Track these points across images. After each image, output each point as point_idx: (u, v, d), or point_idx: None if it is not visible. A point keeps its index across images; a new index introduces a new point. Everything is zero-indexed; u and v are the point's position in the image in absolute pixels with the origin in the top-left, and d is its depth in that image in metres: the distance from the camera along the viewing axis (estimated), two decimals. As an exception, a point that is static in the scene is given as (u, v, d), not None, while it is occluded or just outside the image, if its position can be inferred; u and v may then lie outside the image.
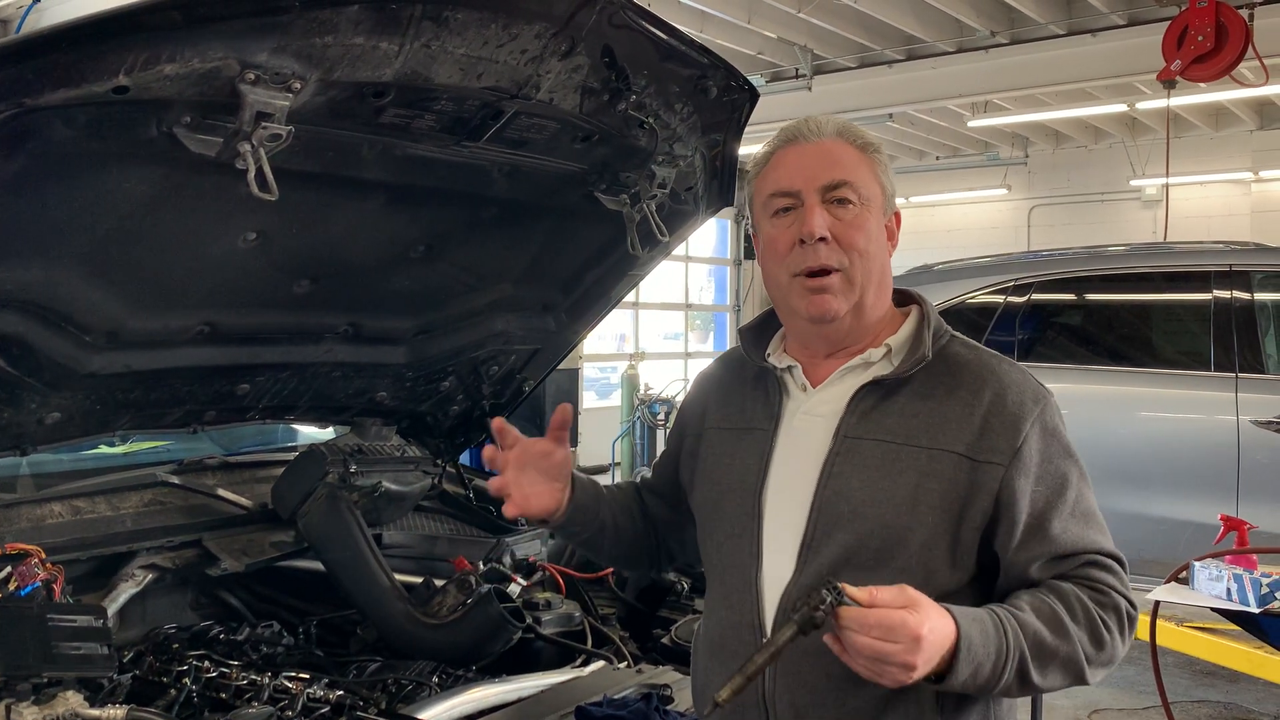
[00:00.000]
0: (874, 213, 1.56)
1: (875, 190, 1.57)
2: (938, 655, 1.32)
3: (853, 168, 1.55)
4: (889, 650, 1.29)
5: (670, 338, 16.45)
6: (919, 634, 1.29)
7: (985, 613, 1.40)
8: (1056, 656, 1.41)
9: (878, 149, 1.59)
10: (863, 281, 1.54)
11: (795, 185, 1.55)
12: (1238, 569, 3.25)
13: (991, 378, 1.53)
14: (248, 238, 2.15)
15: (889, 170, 1.61)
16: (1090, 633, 1.44)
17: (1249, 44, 7.34)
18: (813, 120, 1.60)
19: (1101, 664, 1.46)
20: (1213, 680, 5.39)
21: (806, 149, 1.57)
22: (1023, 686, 1.41)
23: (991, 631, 1.38)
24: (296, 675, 2.13)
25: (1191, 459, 5.13)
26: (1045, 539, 1.48)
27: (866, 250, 1.54)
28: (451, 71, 1.89)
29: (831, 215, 1.53)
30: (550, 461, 1.70)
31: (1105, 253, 6.19)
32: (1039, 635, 1.40)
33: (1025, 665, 1.38)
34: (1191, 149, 13.85)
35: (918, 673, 1.30)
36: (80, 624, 1.87)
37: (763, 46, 10.49)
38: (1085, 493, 1.53)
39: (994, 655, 1.36)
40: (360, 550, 2.51)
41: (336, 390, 2.83)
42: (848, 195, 1.53)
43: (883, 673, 1.31)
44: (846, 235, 1.53)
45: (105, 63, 1.55)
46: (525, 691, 2.14)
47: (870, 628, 1.29)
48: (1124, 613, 1.48)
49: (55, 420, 2.31)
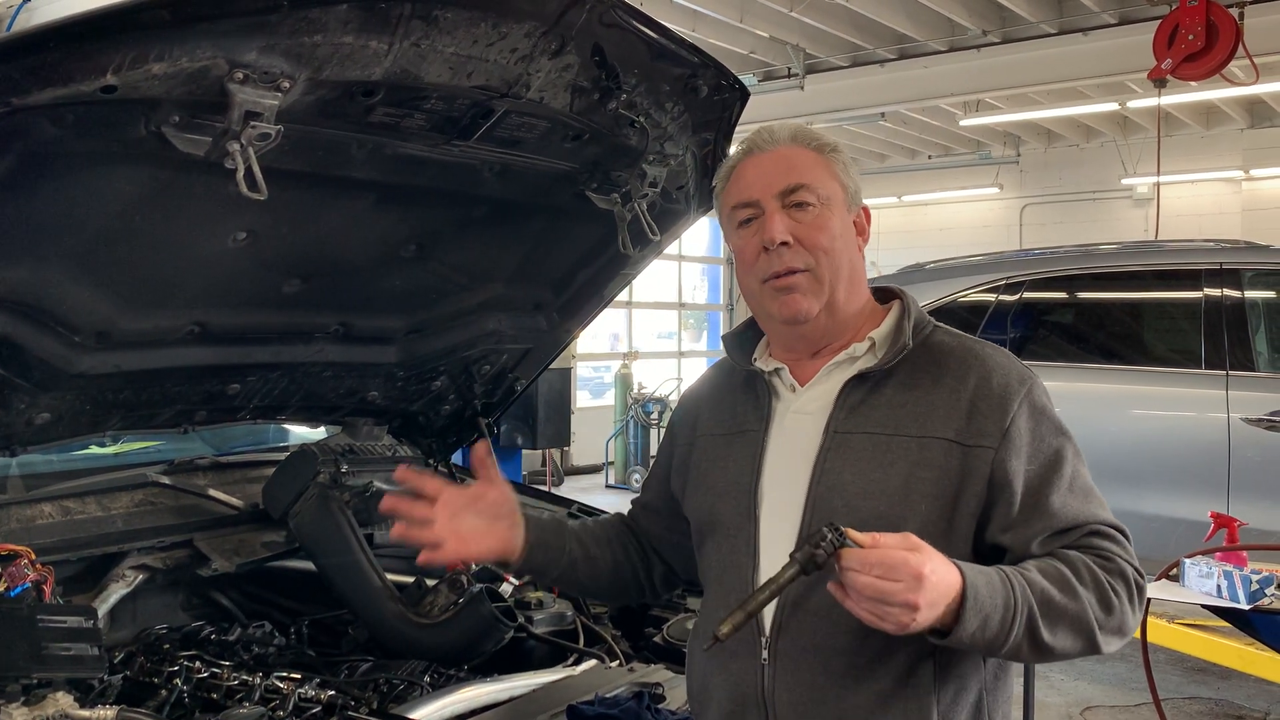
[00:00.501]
0: (836, 211, 1.58)
1: (834, 189, 1.59)
2: (943, 601, 1.31)
3: (809, 170, 1.58)
4: (890, 589, 1.28)
5: (663, 337, 16.47)
6: (921, 572, 1.28)
7: (993, 569, 1.39)
8: (1066, 615, 1.40)
9: (835, 148, 1.62)
10: (831, 279, 1.56)
11: (754, 195, 1.58)
12: (1228, 566, 3.26)
13: (976, 362, 1.54)
14: (237, 237, 2.14)
15: (850, 168, 1.63)
16: (1099, 596, 1.43)
17: (1239, 43, 7.36)
18: (766, 130, 1.62)
19: (1113, 630, 1.44)
20: (1204, 677, 5.40)
21: (763, 159, 1.60)
22: (1034, 646, 1.38)
23: (999, 584, 1.36)
24: (288, 675, 2.13)
25: (1182, 456, 5.15)
26: (1044, 514, 1.48)
27: (831, 248, 1.56)
28: (441, 70, 1.89)
29: (792, 219, 1.55)
30: (485, 503, 1.70)
31: (1097, 251, 6.21)
32: (1047, 593, 1.39)
33: (1035, 621, 1.37)
34: (1182, 148, 13.90)
35: (921, 614, 1.29)
36: (70, 625, 1.86)
37: (755, 45, 10.49)
38: (1081, 469, 1.54)
39: (1001, 608, 1.35)
40: (352, 550, 2.50)
41: (327, 390, 2.82)
42: (805, 198, 1.56)
43: (885, 615, 1.29)
44: (809, 236, 1.55)
45: (93, 62, 1.55)
46: (517, 691, 2.14)
47: (872, 566, 1.29)
48: (1131, 580, 1.47)
49: (45, 421, 2.30)
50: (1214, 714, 5.06)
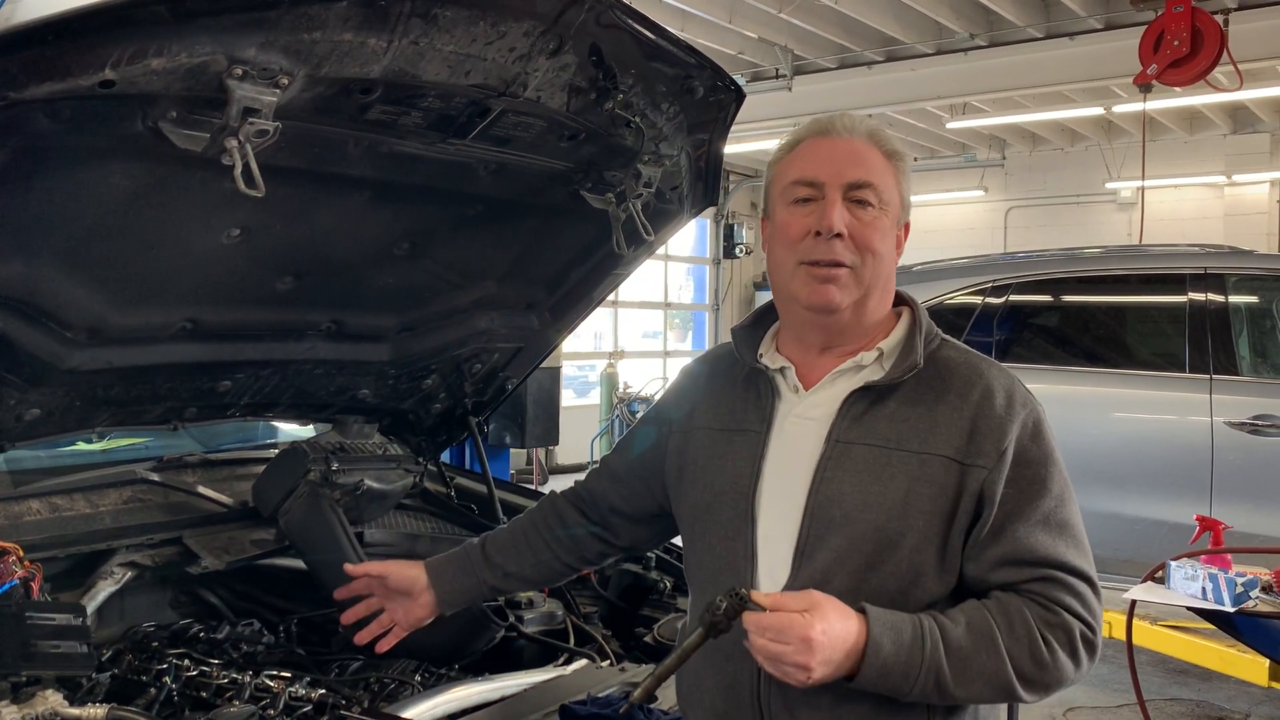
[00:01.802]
0: (890, 217, 1.57)
1: (895, 197, 1.58)
2: (840, 655, 1.37)
3: (879, 171, 1.56)
4: (781, 651, 1.36)
5: (649, 336, 16.47)
6: (808, 635, 1.35)
7: (909, 621, 1.42)
8: (982, 672, 1.42)
9: (902, 158, 1.61)
10: (870, 282, 1.56)
11: (820, 177, 1.55)
12: (1213, 569, 3.28)
13: (980, 381, 1.55)
14: (231, 234, 2.13)
15: (909, 181, 1.62)
16: (1029, 650, 1.43)
17: (1224, 49, 7.41)
18: (846, 117, 1.60)
19: (1042, 684, 1.45)
20: (1185, 679, 5.45)
21: (837, 144, 1.58)
22: (941, 695, 1.43)
23: (907, 640, 1.40)
24: (278, 674, 2.12)
25: (1166, 460, 5.18)
26: (1006, 541, 1.48)
27: (880, 252, 1.55)
28: (439, 69, 1.88)
29: (851, 214, 1.54)
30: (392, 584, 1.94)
31: (1083, 255, 6.24)
32: (963, 650, 1.42)
33: (942, 676, 1.41)
34: (1166, 152, 13.99)
35: (815, 674, 1.36)
36: (59, 622, 1.85)
37: (743, 46, 10.52)
38: (1064, 506, 1.52)
39: (904, 663, 1.40)
40: (342, 548, 2.49)
41: (318, 387, 2.81)
42: (869, 197, 1.55)
43: (784, 673, 1.38)
44: (863, 234, 1.54)
45: (91, 57, 1.54)
46: (508, 690, 2.14)
47: (765, 630, 1.37)
48: (1076, 633, 1.46)
49: (34, 417, 2.28)
50: (1195, 715, 5.10)
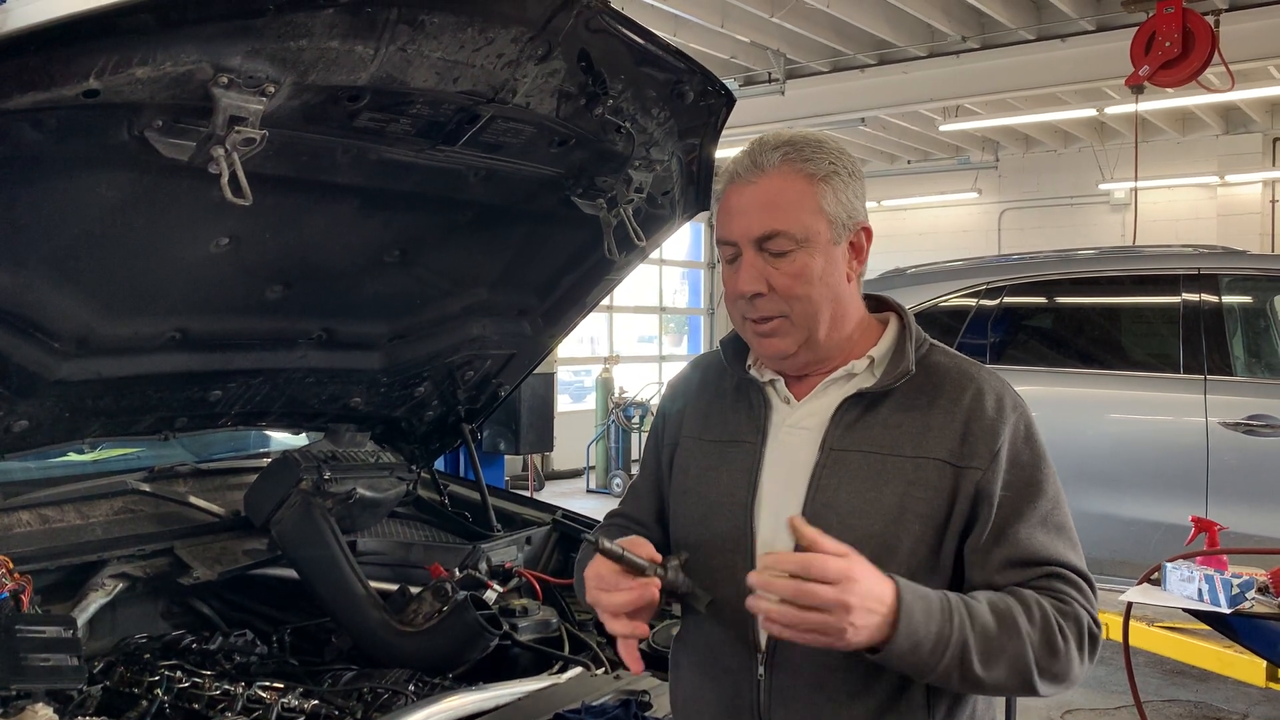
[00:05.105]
0: (818, 249, 1.51)
1: (817, 226, 1.50)
2: (879, 615, 1.31)
3: (790, 209, 1.49)
4: (823, 595, 1.28)
5: (645, 340, 16.46)
6: (849, 573, 1.30)
7: (934, 594, 1.39)
8: (1005, 652, 1.39)
9: (831, 172, 1.51)
10: (808, 323, 1.52)
11: (732, 235, 1.53)
12: (1209, 570, 3.27)
13: (971, 385, 1.54)
14: (220, 243, 2.13)
15: (847, 188, 1.53)
16: (1045, 638, 1.42)
17: (1215, 50, 7.43)
18: (759, 149, 1.53)
19: (1053, 676, 1.43)
20: (1182, 679, 5.44)
21: (744, 192, 1.52)
22: (964, 678, 1.39)
23: (936, 610, 1.36)
24: (271, 685, 2.11)
25: (1161, 460, 5.18)
26: (1009, 543, 1.47)
27: (808, 295, 1.51)
28: (427, 75, 1.88)
29: (770, 265, 1.50)
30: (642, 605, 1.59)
31: (1076, 256, 6.24)
32: (988, 628, 1.39)
33: (968, 656, 1.37)
34: (1159, 153, 14.01)
35: (857, 623, 1.29)
36: (49, 635, 1.84)
37: (735, 50, 10.52)
38: (1059, 508, 1.52)
39: (935, 634, 1.35)
40: (335, 557, 2.49)
41: (310, 396, 2.80)
42: (783, 245, 1.49)
43: (822, 625, 1.30)
44: (783, 285, 1.50)
45: (75, 66, 1.53)
46: (503, 699, 2.13)
47: (806, 566, 1.30)
48: (1085, 626, 1.46)
49: (23, 428, 2.27)
50: (1193, 716, 5.10)
